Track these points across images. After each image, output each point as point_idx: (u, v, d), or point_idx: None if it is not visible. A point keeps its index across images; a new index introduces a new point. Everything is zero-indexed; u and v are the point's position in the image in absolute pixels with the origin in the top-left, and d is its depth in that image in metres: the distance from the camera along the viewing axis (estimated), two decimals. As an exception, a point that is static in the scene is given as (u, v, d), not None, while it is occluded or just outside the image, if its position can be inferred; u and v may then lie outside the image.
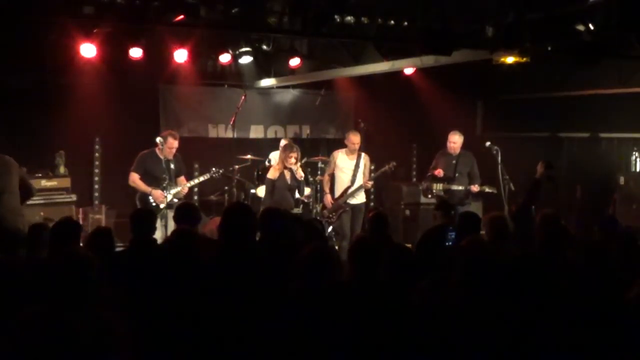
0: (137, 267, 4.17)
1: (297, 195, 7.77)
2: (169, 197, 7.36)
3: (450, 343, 3.20)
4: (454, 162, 8.28)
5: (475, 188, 8.10)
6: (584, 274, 3.84)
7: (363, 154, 8.31)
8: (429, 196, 8.42)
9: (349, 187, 8.24)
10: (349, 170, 8.26)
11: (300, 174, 7.66)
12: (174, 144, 7.47)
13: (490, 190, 8.14)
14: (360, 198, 8.31)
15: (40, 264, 3.99)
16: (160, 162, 7.43)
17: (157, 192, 7.37)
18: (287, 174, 7.59)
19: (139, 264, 4.26)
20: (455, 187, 8.18)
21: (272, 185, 7.51)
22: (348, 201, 8.22)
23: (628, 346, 3.17)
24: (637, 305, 3.36)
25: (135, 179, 7.47)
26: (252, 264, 3.91)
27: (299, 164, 7.67)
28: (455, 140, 8.31)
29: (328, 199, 8.34)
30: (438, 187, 8.24)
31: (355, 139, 8.21)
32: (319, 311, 3.28)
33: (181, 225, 4.94)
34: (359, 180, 8.25)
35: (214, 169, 7.98)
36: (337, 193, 8.34)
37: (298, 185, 7.69)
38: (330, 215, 8.31)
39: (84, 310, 2.92)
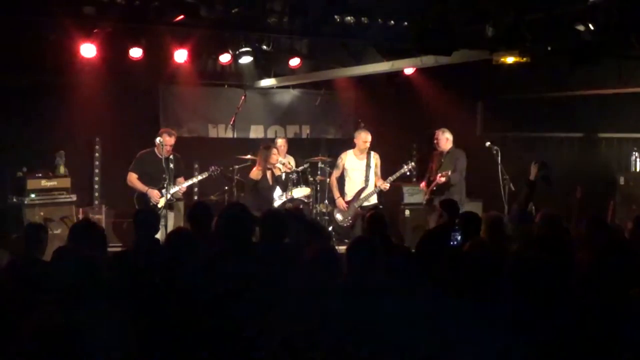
0: (140, 267, 4.17)
1: (276, 193, 7.89)
2: (168, 196, 7.37)
3: (452, 344, 3.20)
4: (442, 160, 8.23)
5: (439, 178, 7.86)
6: (585, 274, 3.84)
7: (372, 152, 8.27)
8: (424, 202, 8.37)
9: (362, 189, 8.19)
10: (360, 172, 8.21)
11: (288, 166, 7.92)
12: (169, 141, 7.48)
13: (443, 179, 7.87)
14: (372, 200, 8.27)
15: (46, 265, 4.02)
16: (159, 162, 7.43)
17: (154, 192, 7.40)
18: (269, 174, 7.81)
19: (141, 264, 4.26)
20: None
21: (254, 186, 7.68)
22: (363, 204, 8.16)
23: (631, 344, 3.17)
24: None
25: (132, 178, 7.50)
26: (249, 264, 3.91)
27: (285, 160, 7.82)
28: (438, 137, 8.24)
29: (341, 203, 8.25)
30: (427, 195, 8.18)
31: (367, 137, 8.20)
32: (318, 311, 3.28)
33: (194, 224, 4.95)
34: (372, 181, 8.20)
35: (212, 167, 8.00)
36: (349, 195, 8.29)
37: (283, 183, 7.96)
38: (348, 220, 8.24)
39: (92, 311, 2.93)
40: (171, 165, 7.44)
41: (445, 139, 8.23)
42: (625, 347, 3.13)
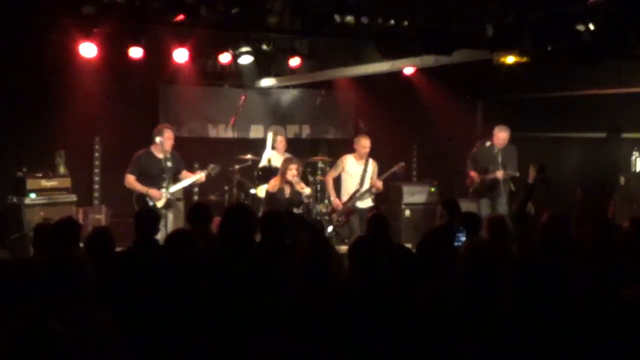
0: (140, 267, 4.17)
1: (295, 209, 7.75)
2: (168, 196, 7.32)
3: (453, 344, 3.20)
4: (495, 152, 8.14)
5: (499, 174, 7.94)
6: (586, 274, 3.84)
7: (371, 160, 8.31)
8: (471, 190, 8.29)
9: (357, 191, 8.22)
10: (357, 176, 8.25)
11: (301, 186, 7.68)
12: (172, 135, 7.43)
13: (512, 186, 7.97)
14: (367, 202, 8.29)
15: (36, 265, 4.01)
16: (157, 162, 7.37)
17: (154, 191, 7.30)
18: (287, 189, 7.61)
19: (141, 264, 4.26)
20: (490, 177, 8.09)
21: (270, 198, 7.54)
22: (356, 205, 8.20)
23: (628, 346, 3.17)
24: (636, 305, 3.36)
25: (131, 180, 7.38)
26: (251, 264, 3.91)
27: (297, 178, 7.67)
28: (506, 137, 8.19)
29: (337, 203, 8.31)
30: (475, 181, 8.14)
31: (367, 142, 8.21)
32: (317, 311, 3.28)
33: (193, 225, 4.96)
34: (367, 184, 8.23)
35: (211, 165, 7.89)
36: (345, 197, 8.33)
37: (300, 199, 7.70)
38: (340, 219, 8.29)
39: (75, 310, 2.93)
40: (169, 164, 7.37)
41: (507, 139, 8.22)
42: (624, 349, 3.14)
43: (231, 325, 3.48)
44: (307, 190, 8.57)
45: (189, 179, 7.68)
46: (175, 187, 7.50)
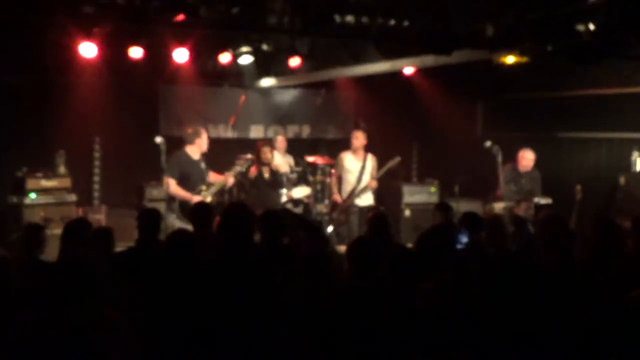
0: (141, 266, 4.18)
1: (283, 191, 7.90)
2: (209, 199, 6.84)
3: (453, 344, 3.20)
4: (522, 180, 8.01)
5: (520, 211, 7.64)
6: (586, 274, 3.84)
7: (370, 155, 8.27)
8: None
9: (355, 188, 8.23)
10: (356, 172, 8.24)
11: (275, 164, 7.89)
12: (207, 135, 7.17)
13: (545, 202, 7.82)
14: (366, 199, 8.27)
15: (42, 265, 4.02)
16: (195, 164, 6.91)
17: (198, 198, 6.69)
18: (266, 171, 7.83)
19: (143, 263, 4.27)
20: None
21: (253, 184, 7.80)
22: (355, 202, 8.20)
23: (628, 347, 3.16)
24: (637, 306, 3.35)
25: (173, 185, 6.69)
26: (251, 264, 3.91)
27: (277, 158, 7.82)
28: (531, 159, 8.05)
29: (337, 198, 8.33)
30: (499, 206, 7.88)
31: (360, 135, 8.20)
32: (317, 311, 3.28)
33: (196, 225, 4.96)
34: (365, 181, 8.23)
35: (241, 160, 7.43)
36: (345, 194, 8.33)
37: (276, 179, 7.89)
38: (339, 217, 8.30)
39: (86, 309, 2.93)
40: (203, 166, 7.04)
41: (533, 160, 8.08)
42: (624, 349, 3.14)
43: (231, 325, 3.48)
44: (306, 190, 8.60)
45: (219, 181, 7.13)
46: (212, 191, 6.96)
